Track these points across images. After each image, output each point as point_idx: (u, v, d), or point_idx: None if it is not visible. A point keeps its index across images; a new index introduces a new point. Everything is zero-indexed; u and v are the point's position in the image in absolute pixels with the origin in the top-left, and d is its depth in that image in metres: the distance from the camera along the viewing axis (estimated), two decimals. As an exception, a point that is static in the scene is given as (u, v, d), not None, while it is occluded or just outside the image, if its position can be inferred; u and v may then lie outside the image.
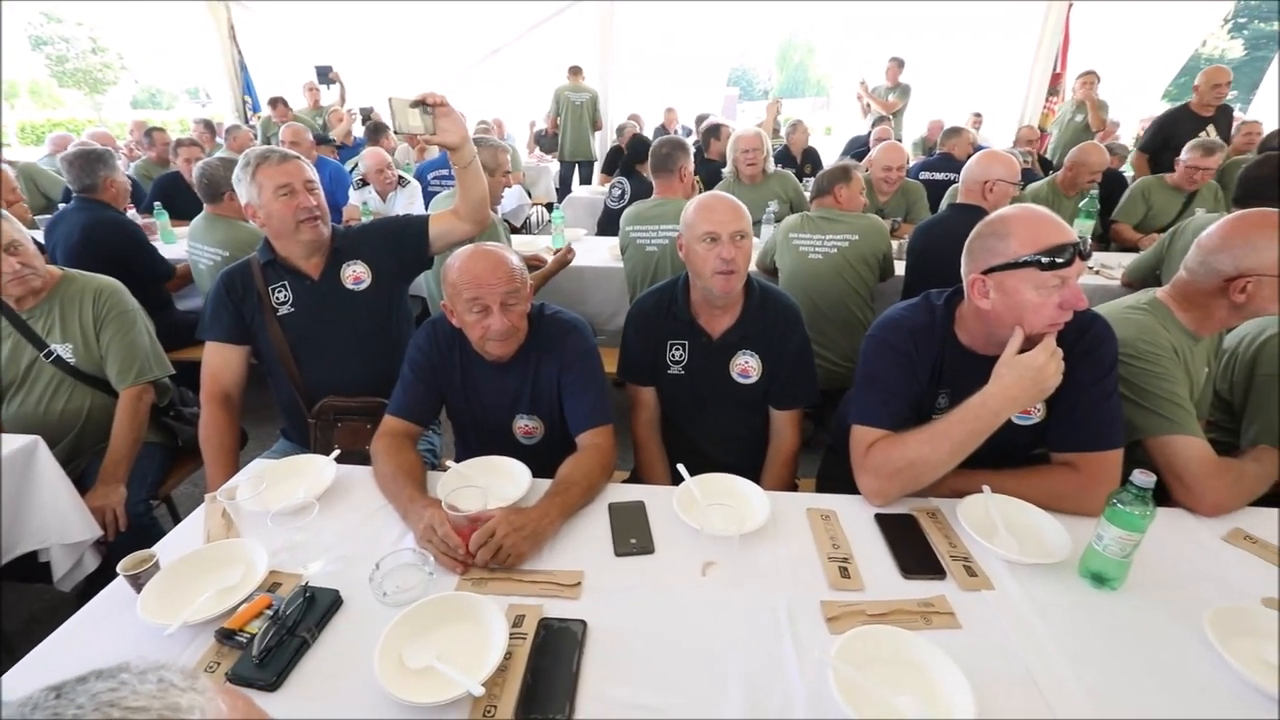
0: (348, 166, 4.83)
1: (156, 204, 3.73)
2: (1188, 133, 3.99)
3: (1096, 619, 1.05)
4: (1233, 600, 1.06)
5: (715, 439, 1.73)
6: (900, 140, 5.88)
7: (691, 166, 2.71)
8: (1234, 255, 1.33)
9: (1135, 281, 2.77)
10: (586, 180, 7.06)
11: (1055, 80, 6.60)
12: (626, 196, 3.91)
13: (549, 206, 6.92)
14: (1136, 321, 1.43)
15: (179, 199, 3.93)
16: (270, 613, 1.04)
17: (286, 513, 1.20)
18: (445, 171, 4.52)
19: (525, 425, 1.61)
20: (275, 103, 6.64)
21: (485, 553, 1.13)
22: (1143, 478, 1.02)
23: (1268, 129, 4.60)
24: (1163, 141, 4.25)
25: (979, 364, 1.27)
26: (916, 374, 1.34)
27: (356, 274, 1.89)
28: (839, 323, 2.56)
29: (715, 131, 4.97)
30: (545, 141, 7.52)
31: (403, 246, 1.94)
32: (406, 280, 2.03)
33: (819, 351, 2.57)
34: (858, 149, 5.74)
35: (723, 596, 1.10)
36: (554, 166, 7.19)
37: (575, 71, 6.93)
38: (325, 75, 7.05)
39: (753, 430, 1.71)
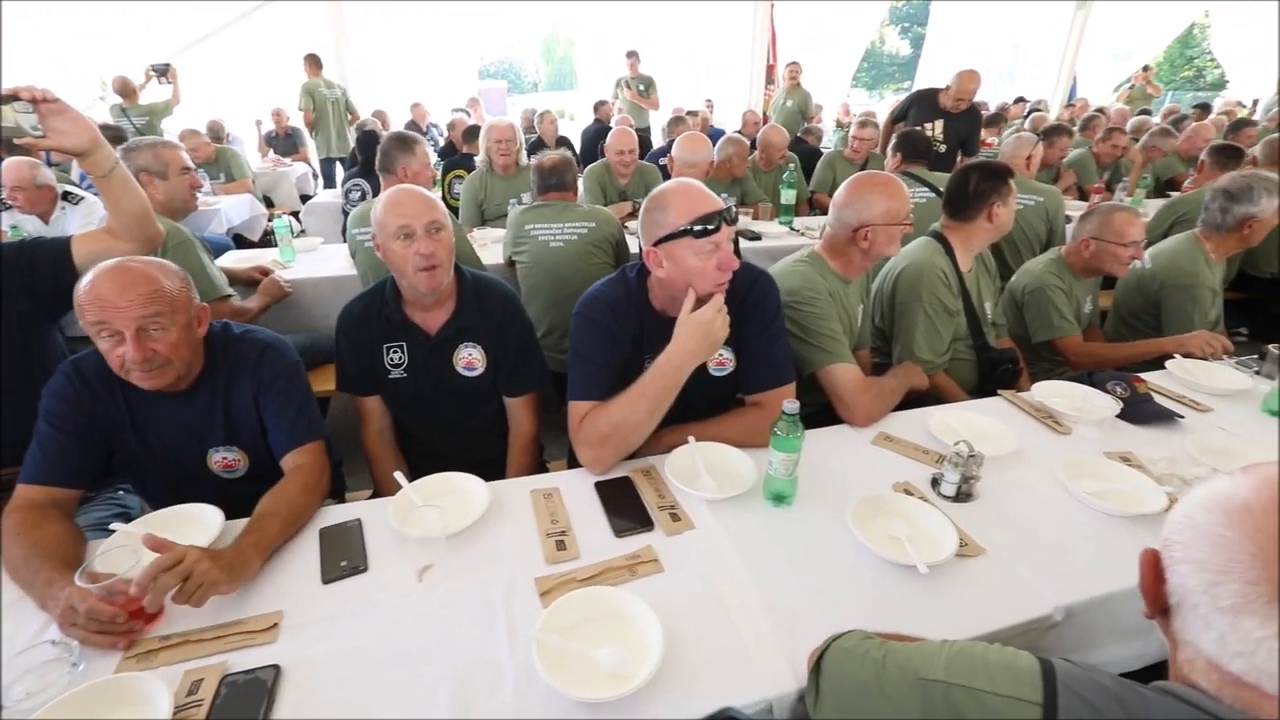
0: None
1: None
2: (921, 115, 4.17)
3: (776, 534, 1.21)
4: (875, 491, 1.30)
5: (451, 437, 1.68)
6: (649, 128, 6.27)
7: (418, 165, 2.57)
8: (855, 210, 1.62)
9: (830, 240, 3.27)
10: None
11: (770, 71, 7.52)
12: (368, 199, 3.64)
13: (296, 215, 6.20)
14: (799, 273, 1.67)
15: None
16: None
17: None
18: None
19: (224, 458, 1.41)
20: None
21: (171, 578, 0.95)
22: (789, 405, 1.19)
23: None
24: (902, 114, 4.40)
25: (673, 327, 1.38)
26: (619, 344, 1.42)
27: (-32, 315, 1.49)
28: None
29: (475, 133, 4.85)
30: (279, 143, 6.70)
31: (35, 276, 1.58)
32: (51, 315, 1.66)
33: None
34: (589, 138, 6.03)
35: (439, 597, 1.07)
36: (294, 170, 6.44)
37: (315, 62, 6.29)
38: None
39: (489, 422, 1.70)
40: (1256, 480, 0.56)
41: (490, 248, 3.23)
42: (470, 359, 1.62)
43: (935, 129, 4.14)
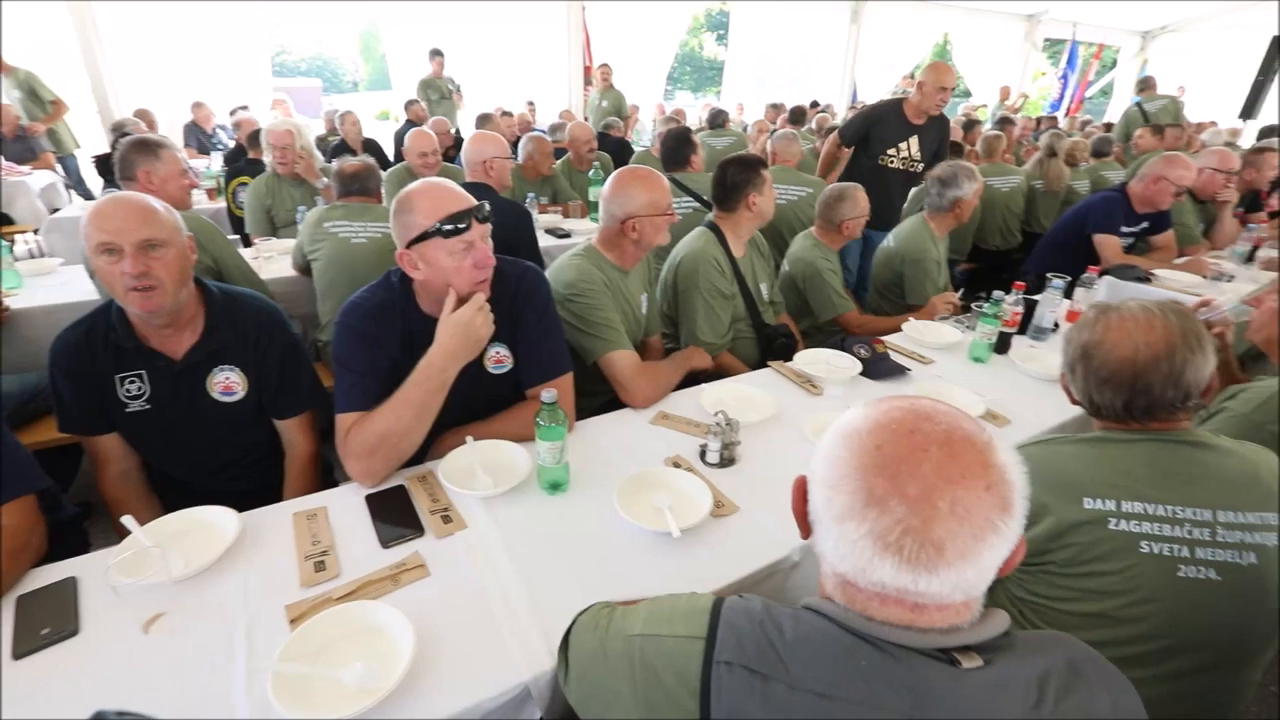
0: None
1: None
2: (892, 136, 3.43)
3: (547, 521, 1.24)
4: (645, 467, 1.37)
5: (215, 470, 1.52)
6: (459, 130, 6.11)
7: (166, 172, 2.27)
8: (620, 203, 1.70)
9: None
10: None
11: (587, 72, 7.66)
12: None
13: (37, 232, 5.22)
14: (575, 266, 1.72)
15: None
16: None
17: None
18: None
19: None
20: None
21: None
22: (547, 394, 1.22)
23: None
24: (864, 137, 3.52)
25: None
26: (385, 351, 1.36)
27: None
28: None
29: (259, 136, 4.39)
30: (9, 147, 5.60)
31: None
32: None
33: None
34: (401, 140, 5.81)
35: (169, 648, 0.96)
36: (36, 180, 5.42)
37: None
38: None
39: (260, 448, 1.56)
40: (871, 410, 0.64)
41: (278, 260, 2.97)
42: (228, 383, 1.48)
43: (910, 149, 3.42)
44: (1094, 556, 1.02)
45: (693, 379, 1.86)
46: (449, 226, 1.25)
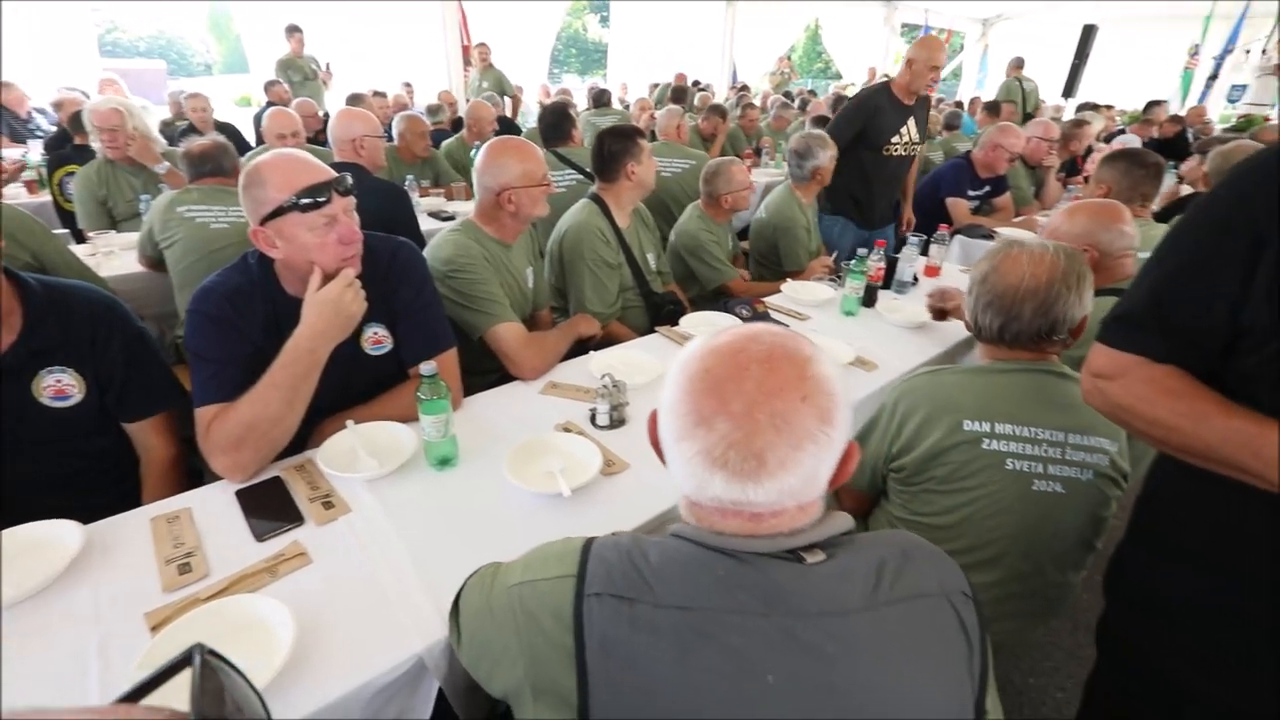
0: None
1: None
2: (892, 124, 3.06)
3: (439, 497, 1.22)
4: (541, 434, 1.38)
5: (52, 486, 1.36)
6: (328, 114, 5.72)
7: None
8: (493, 175, 1.67)
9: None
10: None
11: (466, 52, 7.37)
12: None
13: None
14: (452, 241, 1.68)
15: None
16: None
17: None
18: None
19: None
20: None
21: None
22: (426, 366, 1.19)
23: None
24: (859, 132, 3.06)
25: None
26: (245, 336, 1.27)
27: None
28: None
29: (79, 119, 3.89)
30: None
31: None
32: None
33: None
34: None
35: (4, 679, 0.86)
36: None
37: None
38: None
39: (111, 455, 1.40)
40: (707, 339, 0.68)
41: (120, 255, 2.67)
42: (59, 386, 1.32)
43: (910, 132, 3.13)
44: (967, 474, 1.15)
45: (582, 348, 1.87)
46: (307, 200, 1.18)
